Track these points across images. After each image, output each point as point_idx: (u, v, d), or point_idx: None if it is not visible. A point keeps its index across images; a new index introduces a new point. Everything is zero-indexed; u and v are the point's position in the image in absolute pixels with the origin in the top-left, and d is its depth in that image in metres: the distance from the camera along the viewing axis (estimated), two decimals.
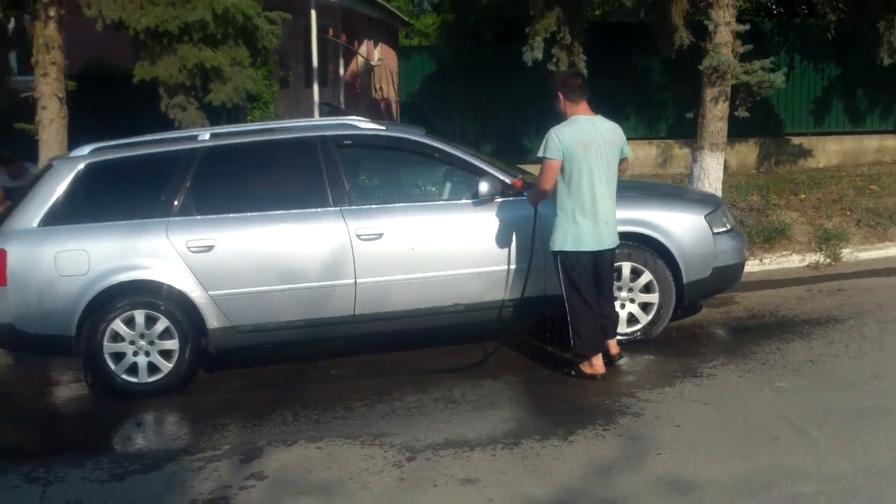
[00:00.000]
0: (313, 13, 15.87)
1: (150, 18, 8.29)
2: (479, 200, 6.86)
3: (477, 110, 12.29)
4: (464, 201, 6.91)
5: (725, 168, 10.80)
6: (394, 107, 20.28)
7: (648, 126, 13.58)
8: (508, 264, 6.82)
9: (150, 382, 6.68)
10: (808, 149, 14.09)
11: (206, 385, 6.97)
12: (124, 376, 6.66)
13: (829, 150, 14.15)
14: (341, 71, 20.03)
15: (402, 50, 16.71)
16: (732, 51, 10.09)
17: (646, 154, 13.70)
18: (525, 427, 5.58)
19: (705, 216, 7.24)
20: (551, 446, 5.22)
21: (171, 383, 6.70)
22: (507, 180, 6.90)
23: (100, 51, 13.82)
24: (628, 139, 6.61)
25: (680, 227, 7.15)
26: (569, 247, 6.29)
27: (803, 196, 11.37)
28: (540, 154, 6.28)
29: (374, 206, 6.92)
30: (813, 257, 9.81)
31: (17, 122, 9.64)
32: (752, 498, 4.46)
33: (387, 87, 21.19)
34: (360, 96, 21.54)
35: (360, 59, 21.95)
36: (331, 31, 18.86)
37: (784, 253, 9.88)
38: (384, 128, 7.24)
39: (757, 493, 4.50)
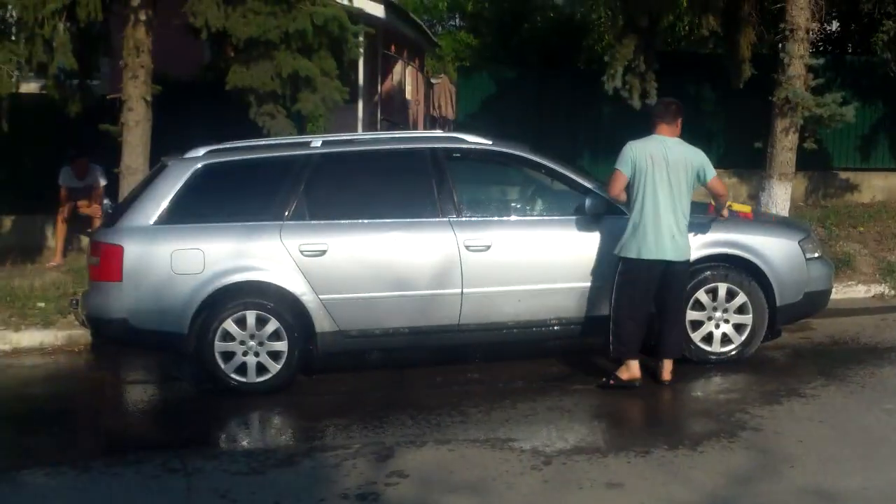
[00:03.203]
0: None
1: (252, 28, 8.45)
2: (585, 216, 7.01)
3: (535, 131, 12.50)
4: (569, 217, 7.06)
5: None
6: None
7: None
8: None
9: (258, 382, 6.78)
10: (854, 183, 14.29)
11: (309, 388, 7.07)
12: (233, 375, 6.77)
13: (875, 186, 14.33)
14: (379, 87, 20.23)
15: (462, 69, 16.92)
16: (804, 84, 10.28)
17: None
18: (649, 437, 5.69)
19: (799, 241, 7.40)
20: (683, 455, 5.33)
21: (278, 384, 6.80)
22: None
23: None
24: None
25: (775, 251, 7.29)
26: (629, 254, 6.57)
27: (861, 228, 11.54)
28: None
29: (481, 219, 7.08)
30: (878, 288, 9.97)
31: (100, 125, 9.72)
32: None
33: (445, 105, 21.43)
34: (403, 113, 21.71)
35: (395, 77, 22.15)
36: (393, 48, 19.07)
37: (849, 283, 10.02)
38: (490, 142, 7.40)
39: None
